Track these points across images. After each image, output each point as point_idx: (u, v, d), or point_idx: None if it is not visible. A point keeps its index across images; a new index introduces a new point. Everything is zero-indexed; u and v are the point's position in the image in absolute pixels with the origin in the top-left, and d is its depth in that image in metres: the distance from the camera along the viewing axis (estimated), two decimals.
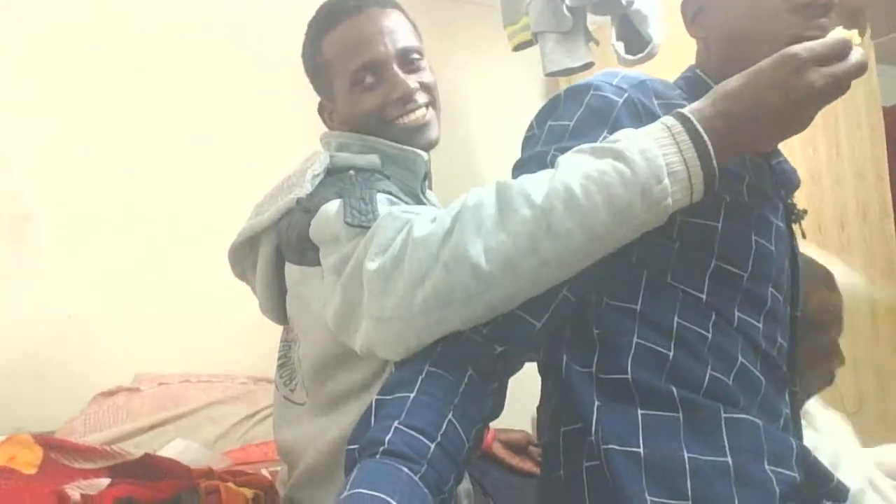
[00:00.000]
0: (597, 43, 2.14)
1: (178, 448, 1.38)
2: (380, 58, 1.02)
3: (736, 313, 0.76)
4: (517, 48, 2.18)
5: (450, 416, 0.69)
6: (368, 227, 0.82)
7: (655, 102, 0.78)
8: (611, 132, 0.75)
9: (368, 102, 1.02)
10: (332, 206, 0.90)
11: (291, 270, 0.99)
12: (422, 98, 1.04)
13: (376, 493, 0.61)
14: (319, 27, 1.06)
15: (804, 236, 0.92)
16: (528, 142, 0.83)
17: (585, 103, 0.78)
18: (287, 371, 1.09)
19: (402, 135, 1.02)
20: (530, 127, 0.83)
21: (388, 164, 1.01)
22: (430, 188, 1.09)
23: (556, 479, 0.77)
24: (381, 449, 0.65)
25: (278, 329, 1.13)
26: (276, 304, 1.08)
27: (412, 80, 1.03)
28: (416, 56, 1.05)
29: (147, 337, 1.85)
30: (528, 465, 1.28)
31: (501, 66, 2.53)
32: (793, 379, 0.86)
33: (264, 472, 1.24)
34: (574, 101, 0.80)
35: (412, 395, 0.69)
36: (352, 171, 0.97)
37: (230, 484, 1.08)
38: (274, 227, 1.01)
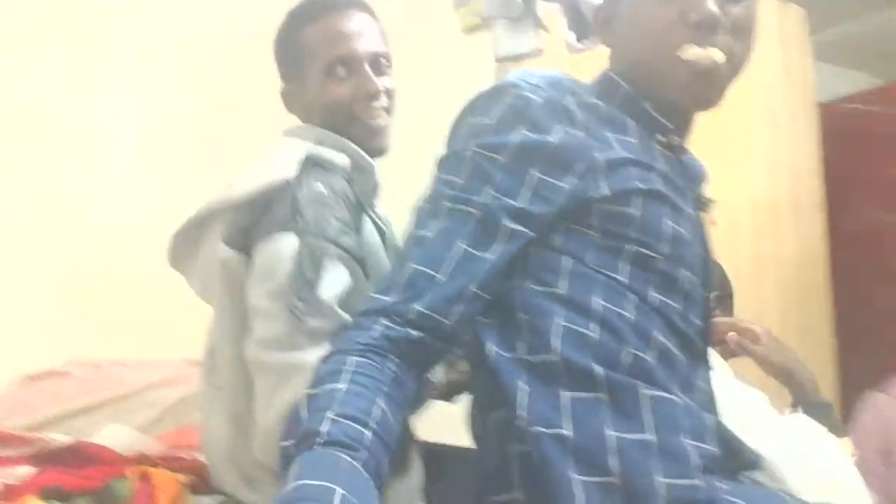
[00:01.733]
0: (546, 30, 2.15)
1: (111, 433, 1.34)
2: (355, 54, 1.11)
3: (655, 295, 0.81)
4: (469, 31, 2.17)
5: (381, 403, 0.71)
6: (302, 324, 0.91)
7: (572, 101, 0.83)
8: (530, 130, 0.79)
9: (338, 93, 1.10)
10: (285, 247, 0.95)
11: (239, 266, 1.00)
12: (384, 102, 1.13)
13: (321, 483, 0.62)
14: (302, 17, 1.14)
15: (713, 224, 1.00)
16: (451, 136, 0.87)
17: (505, 102, 0.82)
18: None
19: (362, 133, 1.10)
20: (455, 122, 0.87)
21: (353, 169, 1.08)
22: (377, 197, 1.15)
23: (488, 467, 0.79)
24: (319, 440, 0.66)
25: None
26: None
27: (380, 83, 1.11)
28: (384, 61, 1.14)
29: (79, 320, 1.79)
30: None
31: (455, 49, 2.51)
32: (707, 356, 0.91)
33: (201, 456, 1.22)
34: (494, 99, 0.83)
35: (341, 385, 0.70)
36: (321, 188, 1.01)
37: (164, 470, 1.06)
38: (239, 208, 1.02)
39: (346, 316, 0.93)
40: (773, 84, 2.24)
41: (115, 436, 1.33)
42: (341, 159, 1.07)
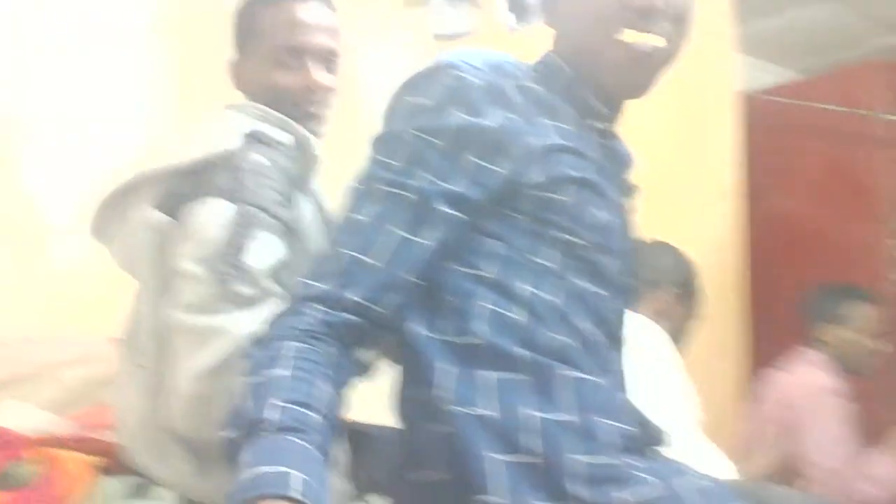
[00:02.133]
0: (479, 8, 2.15)
1: (10, 412, 1.28)
2: (307, 46, 1.12)
3: (580, 282, 0.83)
4: (409, 5, 2.16)
5: (324, 386, 0.71)
6: (228, 289, 0.91)
7: (511, 84, 0.83)
8: (468, 113, 0.79)
9: (283, 81, 1.12)
10: (216, 211, 0.95)
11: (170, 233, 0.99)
12: (325, 96, 1.15)
13: (278, 468, 0.62)
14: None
15: (637, 211, 1.01)
16: (388, 116, 0.85)
17: (445, 83, 0.81)
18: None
19: (299, 118, 1.10)
20: (391, 101, 0.86)
21: (295, 148, 1.07)
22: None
23: (412, 446, 0.80)
24: (268, 428, 0.65)
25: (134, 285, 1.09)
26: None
27: (325, 80, 1.13)
28: (334, 59, 1.16)
29: None
30: None
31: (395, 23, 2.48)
32: (623, 341, 0.94)
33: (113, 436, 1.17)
34: (432, 79, 0.82)
35: (284, 371, 0.70)
36: (263, 159, 1.01)
37: (72, 451, 1.02)
38: (175, 175, 1.01)
39: (276, 287, 0.93)
40: (697, 73, 2.30)
41: (17, 415, 1.27)
42: (285, 137, 1.07)
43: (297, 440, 0.65)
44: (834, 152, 2.81)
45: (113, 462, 1.06)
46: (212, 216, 0.95)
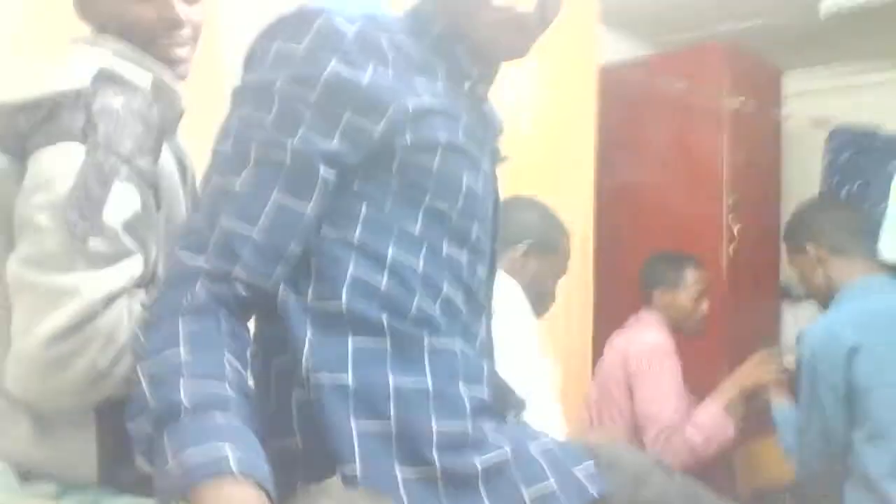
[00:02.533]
0: None
1: None
2: None
3: (444, 247, 0.82)
4: None
5: (227, 358, 0.69)
6: (79, 243, 0.84)
7: (384, 38, 0.79)
8: (342, 66, 0.75)
9: (140, 14, 1.01)
10: (70, 158, 0.86)
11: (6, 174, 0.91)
12: (189, 34, 1.05)
13: (208, 444, 0.61)
14: None
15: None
16: (251, 63, 0.80)
17: (315, 29, 0.76)
18: None
19: (160, 59, 1.02)
20: (253, 45, 0.80)
21: (155, 91, 0.99)
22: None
23: (268, 412, 0.79)
24: (183, 408, 0.63)
25: None
26: None
27: (188, 13, 1.04)
28: None
29: None
30: None
31: None
32: (488, 306, 0.95)
33: None
34: (303, 24, 0.77)
35: (182, 349, 0.68)
36: (116, 101, 0.92)
37: None
38: (15, 112, 0.91)
39: (130, 243, 0.88)
40: (558, 43, 2.35)
41: None
42: (143, 78, 0.99)
43: (219, 415, 0.64)
44: (680, 128, 2.98)
45: None
46: (65, 163, 0.87)
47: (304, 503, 0.74)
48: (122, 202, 0.89)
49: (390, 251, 0.78)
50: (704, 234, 2.89)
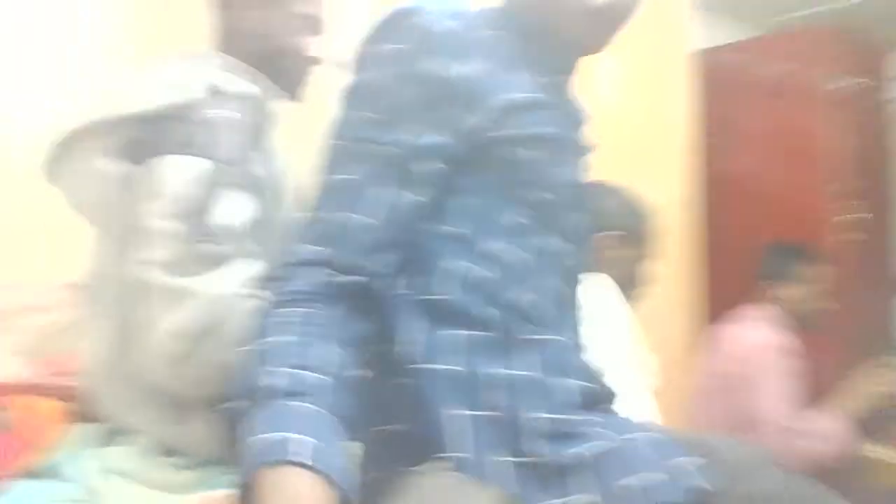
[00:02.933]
0: None
1: None
2: (314, 15, 1.13)
3: (550, 239, 0.83)
4: None
5: (329, 346, 0.71)
6: (199, 250, 0.92)
7: (476, 33, 0.81)
8: (441, 62, 0.77)
9: (290, 44, 1.11)
10: (183, 168, 0.94)
11: (133, 181, 0.98)
12: (314, 67, 1.15)
13: (276, 435, 0.62)
14: None
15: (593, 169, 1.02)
16: (357, 66, 0.82)
17: (413, 28, 0.78)
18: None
19: (281, 83, 1.11)
20: (360, 51, 0.82)
21: (260, 103, 1.05)
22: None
23: (376, 401, 0.80)
24: (270, 394, 0.65)
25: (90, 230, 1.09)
26: (98, 211, 1.05)
27: (321, 50, 1.14)
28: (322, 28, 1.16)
29: None
30: None
31: None
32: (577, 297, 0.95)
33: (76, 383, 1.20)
34: (400, 24, 0.79)
35: (291, 337, 0.69)
36: (227, 112, 0.99)
37: (46, 397, 1.04)
38: (130, 122, 0.99)
39: (248, 245, 0.94)
40: (651, 30, 2.31)
41: None
42: (246, 91, 1.05)
43: (301, 404, 0.64)
44: (783, 113, 2.87)
45: (81, 408, 1.09)
46: (180, 172, 0.94)
47: (408, 489, 0.75)
48: (234, 206, 0.95)
49: (494, 243, 0.80)
50: (809, 223, 2.76)
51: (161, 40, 1.16)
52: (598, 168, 1.05)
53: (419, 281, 0.80)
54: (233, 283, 0.93)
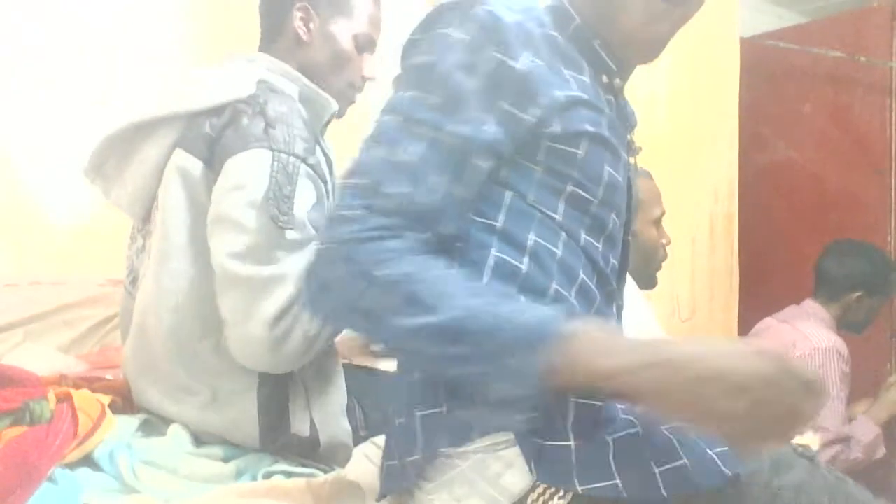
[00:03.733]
0: None
1: (27, 353, 1.33)
2: (374, 41, 1.24)
3: (583, 235, 0.83)
4: None
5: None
6: (280, 236, 0.98)
7: (537, 28, 0.81)
8: (503, 54, 0.77)
9: (354, 59, 1.21)
10: (261, 162, 1.00)
11: (202, 175, 1.04)
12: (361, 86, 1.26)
13: (538, 309, 0.69)
14: None
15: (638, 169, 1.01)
16: (415, 49, 0.81)
17: (478, 18, 0.78)
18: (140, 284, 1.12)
19: (331, 93, 1.17)
20: (416, 33, 0.82)
21: (301, 101, 1.12)
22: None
23: (415, 384, 0.81)
24: (482, 303, 0.70)
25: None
26: (148, 204, 1.11)
27: (374, 72, 1.25)
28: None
29: None
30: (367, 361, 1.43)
31: None
32: (620, 294, 0.95)
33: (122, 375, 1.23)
34: (466, 14, 0.79)
35: (420, 272, 0.71)
36: (282, 107, 1.05)
37: (84, 390, 1.06)
38: (194, 118, 1.05)
39: (312, 231, 1.01)
40: (698, 18, 2.26)
41: (32, 356, 1.32)
42: (290, 88, 1.12)
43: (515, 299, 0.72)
44: (837, 100, 2.77)
45: (123, 400, 1.11)
46: (255, 165, 0.99)
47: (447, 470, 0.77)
48: (306, 195, 1.02)
49: (532, 237, 0.80)
50: (865, 216, 2.65)
51: (211, 45, 1.20)
52: (648, 157, 1.04)
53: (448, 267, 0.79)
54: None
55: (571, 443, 0.75)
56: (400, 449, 0.83)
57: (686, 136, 2.40)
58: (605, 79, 0.88)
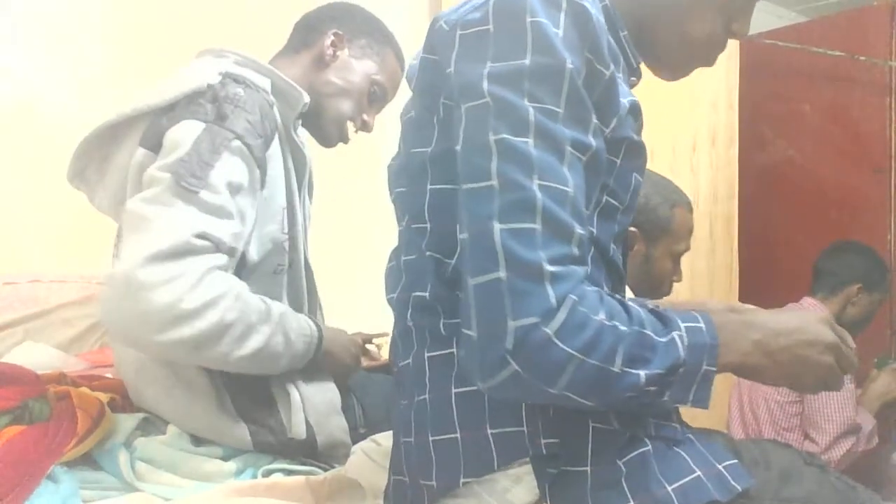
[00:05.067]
0: None
1: (26, 351, 1.33)
2: (384, 101, 1.29)
3: (611, 246, 0.78)
4: None
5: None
6: (186, 190, 0.93)
7: (602, 21, 0.74)
8: (589, 52, 0.69)
9: (361, 101, 1.24)
10: (189, 131, 0.98)
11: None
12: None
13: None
14: (387, 36, 1.29)
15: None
16: (481, 43, 0.68)
17: (565, 9, 0.68)
18: None
19: (328, 121, 1.23)
20: (482, 23, 0.69)
21: (274, 93, 1.12)
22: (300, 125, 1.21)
23: (421, 402, 0.78)
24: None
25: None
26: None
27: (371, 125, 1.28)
28: None
29: None
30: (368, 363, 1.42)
31: None
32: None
33: None
34: (551, 4, 0.68)
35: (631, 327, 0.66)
36: (240, 90, 1.04)
37: (84, 388, 1.06)
38: (158, 112, 1.03)
39: (232, 207, 0.96)
40: None
41: (31, 354, 1.32)
42: (261, 81, 1.11)
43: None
44: (836, 100, 2.77)
45: (122, 398, 1.11)
46: (183, 134, 0.97)
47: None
48: (230, 167, 0.98)
49: None
50: (865, 216, 2.65)
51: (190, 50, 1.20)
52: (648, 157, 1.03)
53: None
54: (217, 232, 0.93)
55: (588, 468, 0.72)
56: (412, 470, 0.79)
57: (686, 135, 2.40)
58: (633, 80, 0.84)
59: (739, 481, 0.73)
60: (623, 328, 0.65)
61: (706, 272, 2.47)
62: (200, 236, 0.91)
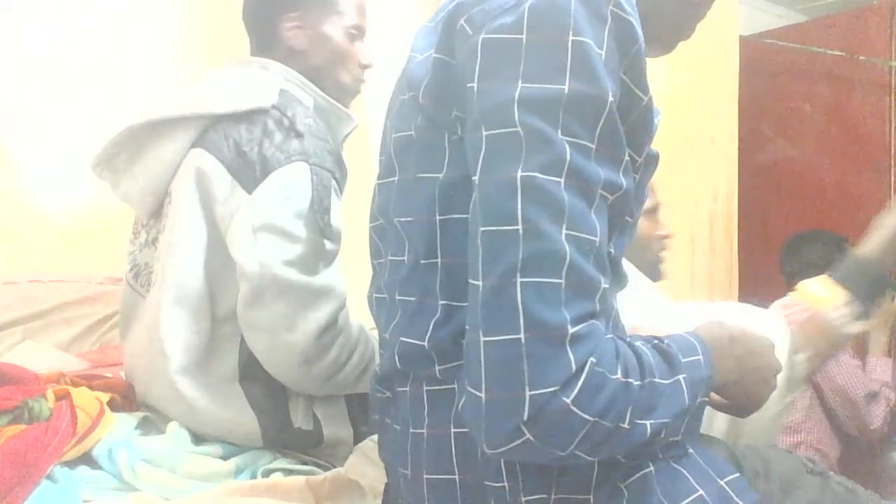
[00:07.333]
0: None
1: (26, 351, 1.33)
2: (363, 31, 1.24)
3: (622, 265, 0.75)
4: None
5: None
6: (323, 236, 1.03)
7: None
8: (627, 73, 0.62)
9: (350, 55, 1.21)
10: (303, 175, 1.03)
11: (221, 178, 1.04)
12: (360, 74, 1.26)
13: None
14: None
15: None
16: (511, 56, 0.59)
17: (609, 24, 0.60)
18: (144, 278, 1.10)
19: (339, 91, 1.21)
20: (513, 31, 0.60)
21: (316, 111, 1.15)
22: None
23: (418, 436, 0.73)
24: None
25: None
26: (159, 200, 1.12)
27: (371, 58, 1.25)
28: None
29: None
30: None
31: None
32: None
33: (123, 374, 1.23)
34: (595, 15, 0.59)
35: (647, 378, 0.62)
36: (310, 121, 1.09)
37: (83, 388, 1.06)
38: (210, 119, 1.07)
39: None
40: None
41: (31, 354, 1.32)
42: (305, 98, 1.15)
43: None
44: (836, 99, 2.77)
45: (122, 398, 1.11)
46: (300, 179, 1.03)
47: None
48: (337, 208, 1.06)
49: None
50: (865, 215, 2.65)
51: (210, 45, 1.20)
52: None
53: None
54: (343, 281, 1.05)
55: (591, 496, 0.70)
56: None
57: (686, 135, 2.40)
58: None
59: (742, 497, 0.72)
60: (636, 384, 0.61)
61: (706, 272, 2.47)
62: (344, 294, 1.05)
